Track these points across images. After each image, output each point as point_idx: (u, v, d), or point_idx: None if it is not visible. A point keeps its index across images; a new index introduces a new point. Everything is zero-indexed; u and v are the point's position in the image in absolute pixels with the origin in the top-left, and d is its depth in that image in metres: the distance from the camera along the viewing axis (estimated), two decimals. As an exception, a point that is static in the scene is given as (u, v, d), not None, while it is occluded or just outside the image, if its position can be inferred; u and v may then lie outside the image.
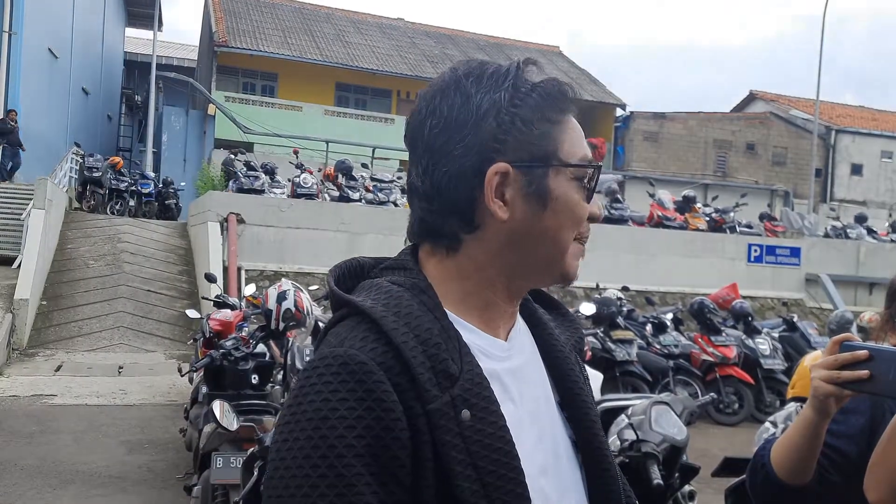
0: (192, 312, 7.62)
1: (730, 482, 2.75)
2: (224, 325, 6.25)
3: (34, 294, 11.17)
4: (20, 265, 11.61)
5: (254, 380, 4.98)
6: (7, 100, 16.84)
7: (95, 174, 16.59)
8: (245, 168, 14.61)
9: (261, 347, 5.22)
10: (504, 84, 0.94)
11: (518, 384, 0.96)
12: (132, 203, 17.34)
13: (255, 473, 3.33)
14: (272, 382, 5.41)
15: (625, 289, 11.23)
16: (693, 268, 14.47)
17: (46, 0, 18.93)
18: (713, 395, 5.72)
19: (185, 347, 10.81)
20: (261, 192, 13.85)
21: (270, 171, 14.94)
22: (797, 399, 3.57)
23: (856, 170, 30.98)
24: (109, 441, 6.87)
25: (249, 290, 8.04)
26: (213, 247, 12.08)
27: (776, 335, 10.36)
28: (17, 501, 5.29)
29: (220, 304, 6.95)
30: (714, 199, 17.32)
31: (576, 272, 0.99)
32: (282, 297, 5.08)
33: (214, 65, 25.68)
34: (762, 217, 17.27)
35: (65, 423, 7.30)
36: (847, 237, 16.87)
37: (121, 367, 10.01)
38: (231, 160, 15.39)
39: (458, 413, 0.86)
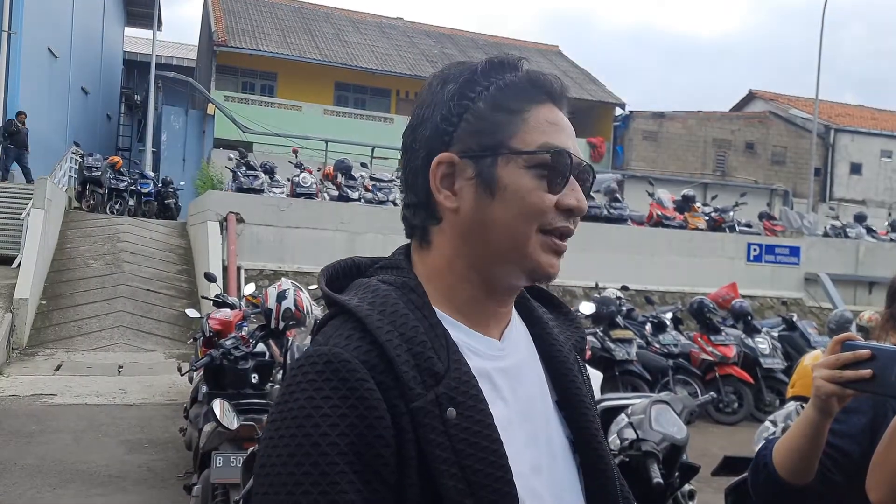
0: (192, 312, 7.61)
1: (730, 481, 2.74)
2: (224, 325, 6.26)
3: (34, 293, 11.17)
4: (20, 265, 11.62)
5: (254, 379, 4.98)
6: (7, 99, 16.83)
7: (95, 174, 16.58)
8: (244, 167, 14.61)
9: (260, 347, 5.22)
10: (461, 78, 0.96)
11: (511, 383, 0.96)
12: (132, 202, 17.33)
13: (256, 473, 3.32)
14: (272, 381, 5.39)
15: (624, 288, 11.24)
16: (692, 267, 14.47)
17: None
18: (713, 395, 5.72)
19: (185, 347, 10.81)
20: (260, 192, 13.86)
21: (270, 171, 14.93)
22: (797, 398, 3.57)
23: (855, 169, 30.99)
24: (109, 440, 6.87)
25: (249, 290, 8.04)
26: (213, 246, 12.09)
27: (775, 334, 10.37)
28: (17, 501, 5.29)
29: (220, 304, 6.94)
30: (713, 199, 17.32)
31: (548, 268, 0.94)
32: (281, 297, 5.09)
33: (214, 64, 25.67)
34: (761, 216, 17.25)
35: (64, 423, 7.30)
36: (846, 236, 16.87)
37: (120, 367, 10.01)
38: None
39: (444, 411, 0.86)
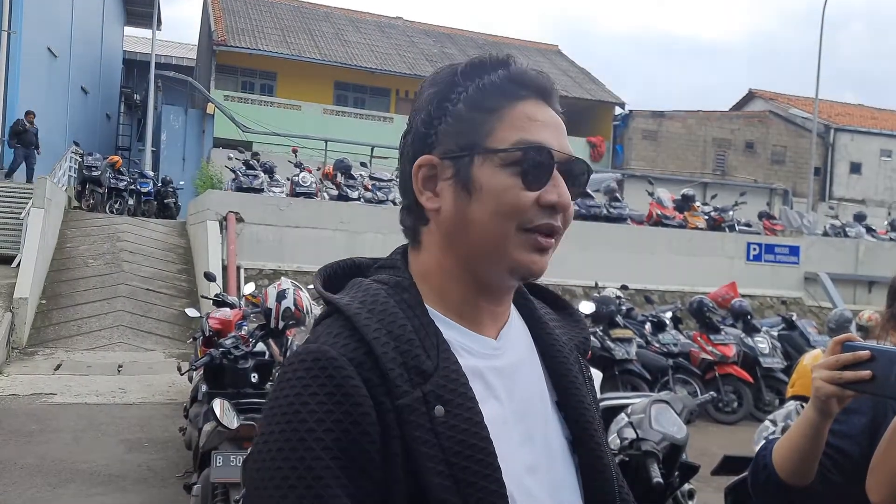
0: (192, 311, 7.61)
1: (729, 480, 2.75)
2: (223, 324, 6.27)
3: (33, 293, 11.17)
4: (19, 264, 11.61)
5: (253, 378, 4.99)
6: (7, 99, 16.84)
7: (94, 173, 16.59)
8: (244, 167, 14.61)
9: (260, 346, 5.22)
10: (443, 82, 0.97)
11: (506, 382, 0.96)
12: (131, 202, 17.34)
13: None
14: (272, 381, 5.40)
15: (624, 287, 11.24)
16: (692, 266, 14.47)
17: (45, -1, 18.94)
18: (712, 394, 5.72)
19: (185, 346, 10.81)
20: (260, 191, 13.85)
21: (269, 170, 14.93)
22: (797, 397, 3.57)
23: (855, 168, 30.99)
24: (109, 440, 6.87)
25: (249, 289, 8.05)
26: (213, 245, 12.09)
27: (775, 334, 10.38)
28: (17, 500, 5.29)
29: (220, 303, 6.95)
30: (713, 198, 17.32)
31: (529, 265, 0.93)
32: (281, 296, 5.09)
33: (213, 64, 25.67)
34: (761, 216, 17.25)
35: (64, 422, 7.30)
36: (846, 236, 16.87)
37: (120, 366, 10.01)
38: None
39: (431, 409, 0.86)
